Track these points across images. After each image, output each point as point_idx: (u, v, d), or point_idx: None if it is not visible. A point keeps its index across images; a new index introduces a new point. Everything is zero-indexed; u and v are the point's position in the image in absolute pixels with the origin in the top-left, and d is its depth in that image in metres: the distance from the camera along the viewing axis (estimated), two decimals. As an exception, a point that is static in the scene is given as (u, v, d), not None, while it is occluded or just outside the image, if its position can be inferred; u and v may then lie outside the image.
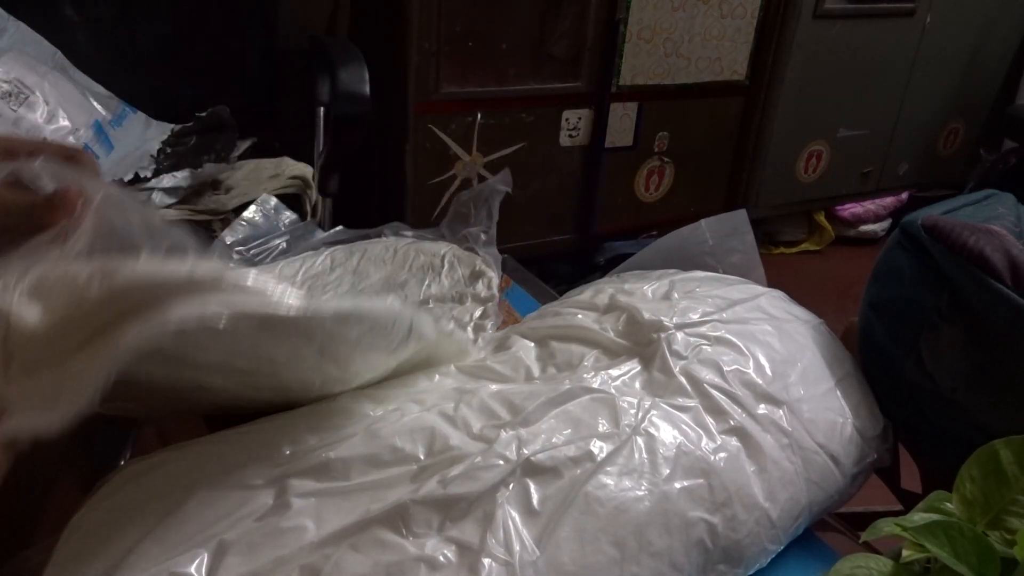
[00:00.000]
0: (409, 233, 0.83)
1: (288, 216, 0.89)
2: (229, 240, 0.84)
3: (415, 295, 0.69)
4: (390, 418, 0.50)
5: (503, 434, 0.47)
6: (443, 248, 0.78)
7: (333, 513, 0.43)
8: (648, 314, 0.59)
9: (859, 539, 0.48)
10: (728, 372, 0.55)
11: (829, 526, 0.61)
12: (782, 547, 0.53)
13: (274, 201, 0.89)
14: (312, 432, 0.49)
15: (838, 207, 2.64)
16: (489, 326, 0.63)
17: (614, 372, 0.55)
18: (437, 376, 0.57)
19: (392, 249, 0.79)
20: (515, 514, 0.43)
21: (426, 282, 0.71)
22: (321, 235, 0.86)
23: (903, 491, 0.75)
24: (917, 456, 0.71)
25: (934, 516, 0.43)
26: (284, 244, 0.85)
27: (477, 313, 0.66)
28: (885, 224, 2.74)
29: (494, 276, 0.73)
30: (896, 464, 0.72)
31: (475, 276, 0.72)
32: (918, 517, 0.43)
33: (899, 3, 2.30)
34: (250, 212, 0.87)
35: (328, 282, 0.76)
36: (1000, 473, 0.44)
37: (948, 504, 0.44)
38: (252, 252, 0.83)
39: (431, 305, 0.67)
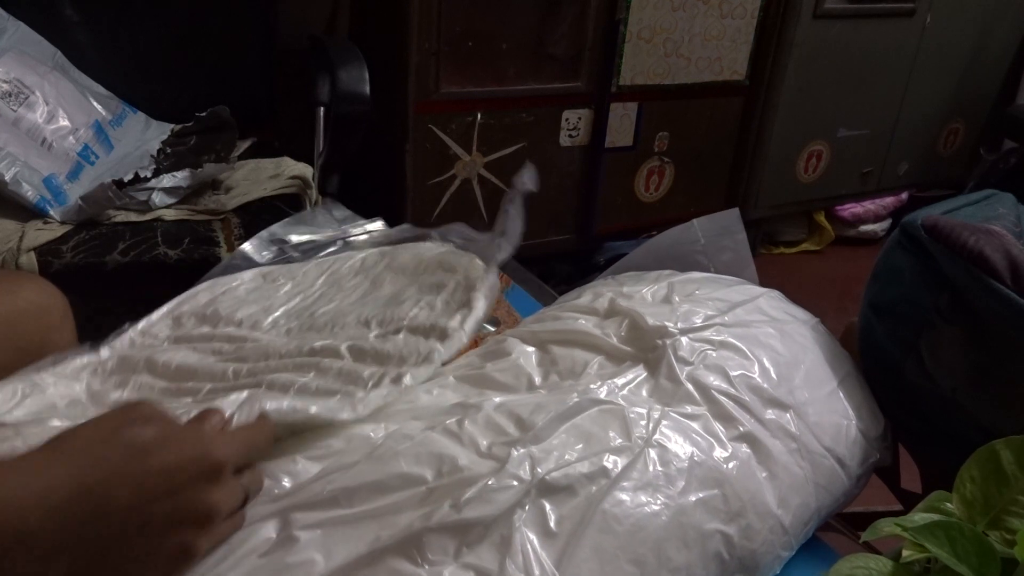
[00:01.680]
0: (459, 240, 0.80)
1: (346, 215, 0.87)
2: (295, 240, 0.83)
3: (401, 315, 0.66)
4: (393, 440, 0.49)
5: (514, 452, 0.46)
6: (466, 266, 0.73)
7: (341, 544, 0.41)
8: (651, 319, 0.59)
9: (859, 539, 0.48)
10: (734, 377, 0.55)
11: (829, 526, 0.61)
12: (793, 553, 0.53)
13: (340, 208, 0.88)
14: (311, 461, 0.47)
15: (838, 207, 2.64)
16: (406, 379, 0.56)
17: (620, 380, 0.54)
18: (436, 389, 0.55)
19: (419, 259, 0.76)
20: (533, 537, 0.42)
21: (421, 304, 0.68)
22: (382, 233, 0.85)
23: (903, 491, 0.75)
24: (917, 456, 0.71)
25: (934, 516, 0.43)
26: (342, 242, 0.84)
27: (425, 350, 0.60)
28: (885, 224, 2.73)
29: (479, 310, 0.66)
30: (896, 464, 0.72)
31: (464, 304, 0.67)
32: (918, 517, 0.43)
33: (899, 3, 2.30)
34: (303, 215, 0.87)
35: (345, 287, 0.76)
36: (1000, 473, 0.44)
37: (948, 504, 0.44)
38: (303, 248, 0.83)
39: (400, 336, 0.63)
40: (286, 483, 0.46)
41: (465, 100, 1.78)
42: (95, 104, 1.28)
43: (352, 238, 0.85)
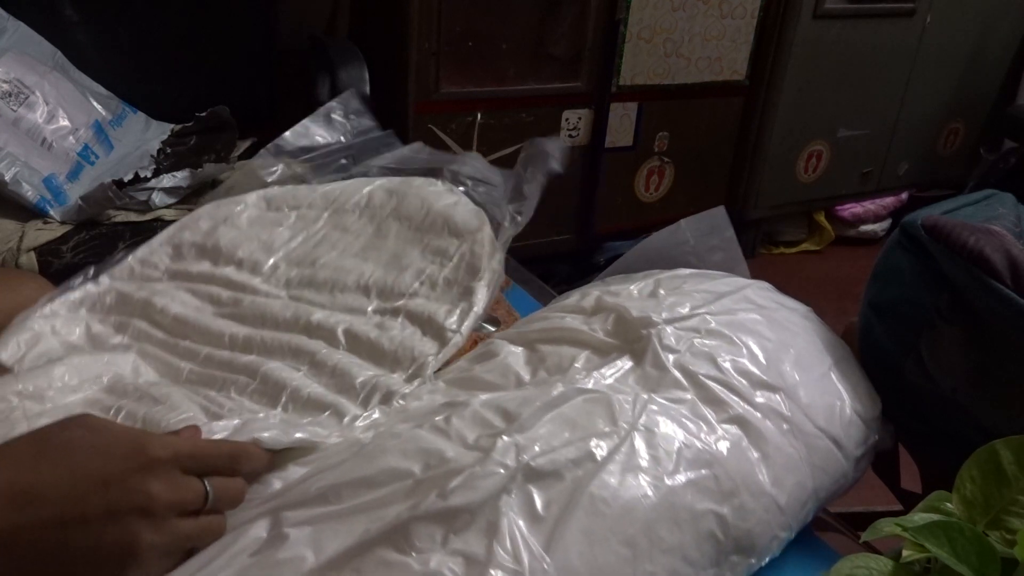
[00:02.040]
0: (469, 181, 0.77)
1: (364, 124, 0.84)
2: (290, 146, 0.81)
3: (402, 289, 0.67)
4: (380, 438, 0.49)
5: (500, 442, 0.46)
6: (473, 233, 0.71)
7: (331, 538, 0.42)
8: (636, 311, 0.59)
9: (859, 539, 0.48)
10: (722, 362, 0.55)
11: (829, 526, 0.61)
12: (792, 535, 0.53)
13: (356, 102, 0.84)
14: (300, 464, 0.48)
15: (838, 207, 2.64)
16: (396, 401, 0.56)
17: (606, 371, 0.55)
18: (426, 396, 0.56)
19: (426, 209, 0.74)
20: (520, 521, 0.42)
21: (423, 277, 0.68)
22: (388, 157, 0.83)
23: (903, 491, 0.75)
24: (917, 456, 0.71)
25: (934, 516, 0.43)
26: (345, 160, 0.81)
27: (420, 355, 0.60)
28: (885, 224, 2.73)
29: (479, 304, 0.65)
30: (896, 464, 0.72)
31: (465, 294, 0.66)
32: (918, 517, 0.43)
33: (899, 3, 2.30)
34: (318, 115, 0.82)
35: (350, 229, 0.75)
36: (1000, 473, 0.44)
37: (948, 504, 0.44)
38: (311, 158, 0.81)
39: (398, 323, 0.63)
40: (276, 485, 0.46)
41: (465, 100, 1.78)
42: (95, 104, 1.28)
43: (359, 150, 0.83)
